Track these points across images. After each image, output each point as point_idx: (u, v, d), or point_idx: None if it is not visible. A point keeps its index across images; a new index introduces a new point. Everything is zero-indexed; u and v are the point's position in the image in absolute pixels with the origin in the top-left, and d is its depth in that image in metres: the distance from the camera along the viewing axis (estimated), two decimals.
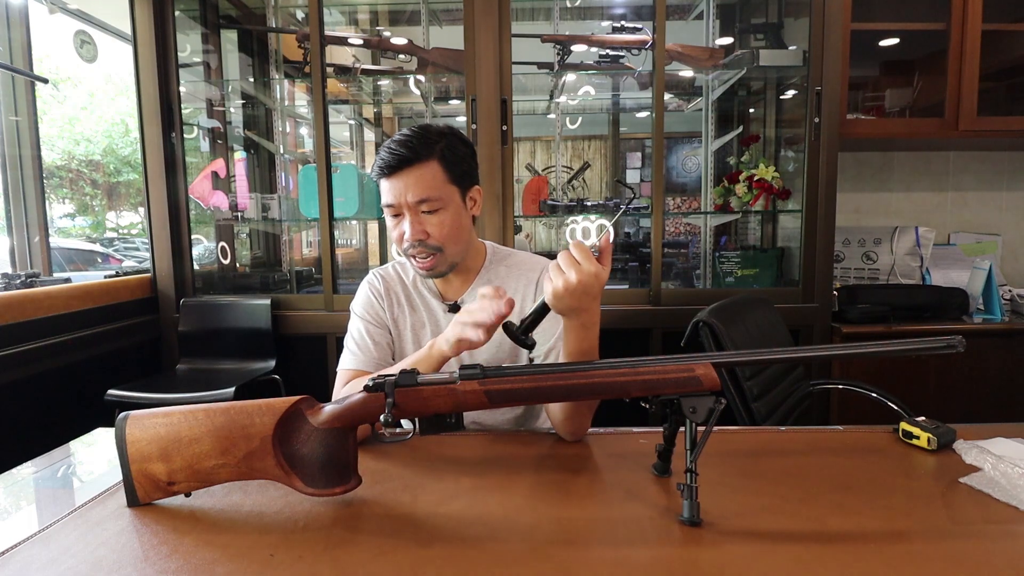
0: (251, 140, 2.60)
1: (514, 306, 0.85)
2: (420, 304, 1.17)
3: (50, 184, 5.35)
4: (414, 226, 1.02)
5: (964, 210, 2.54)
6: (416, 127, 1.04)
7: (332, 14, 2.68)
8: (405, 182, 1.00)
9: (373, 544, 0.66)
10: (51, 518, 0.73)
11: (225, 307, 2.11)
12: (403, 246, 1.05)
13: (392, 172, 1.00)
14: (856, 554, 0.62)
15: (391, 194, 1.02)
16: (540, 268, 1.17)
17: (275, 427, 0.73)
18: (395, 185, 1.01)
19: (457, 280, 1.15)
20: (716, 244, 2.46)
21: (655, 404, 0.75)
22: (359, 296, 1.19)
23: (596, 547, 0.64)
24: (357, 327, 1.16)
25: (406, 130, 1.03)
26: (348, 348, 1.15)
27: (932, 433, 0.89)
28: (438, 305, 1.15)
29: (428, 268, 1.06)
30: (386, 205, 1.03)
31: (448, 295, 1.16)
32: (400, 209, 1.02)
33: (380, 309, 1.17)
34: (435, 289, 1.16)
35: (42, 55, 2.68)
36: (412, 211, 1.02)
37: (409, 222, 1.02)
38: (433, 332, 1.15)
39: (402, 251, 1.06)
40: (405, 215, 1.02)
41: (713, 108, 2.39)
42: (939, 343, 0.68)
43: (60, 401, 1.80)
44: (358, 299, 1.19)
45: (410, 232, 1.02)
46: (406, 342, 1.17)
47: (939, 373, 1.95)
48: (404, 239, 1.03)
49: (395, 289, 1.18)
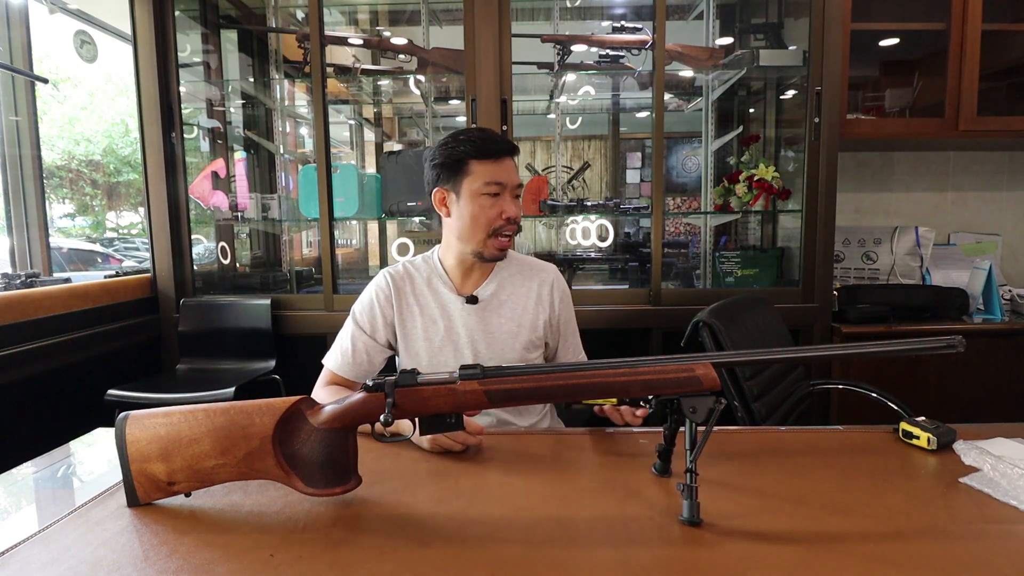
0: (251, 140, 2.60)
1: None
2: (432, 301, 1.21)
3: (50, 184, 5.35)
4: (515, 206, 1.15)
5: (964, 210, 2.54)
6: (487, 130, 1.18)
7: (332, 14, 2.68)
8: (510, 167, 1.14)
9: (373, 544, 0.66)
10: (51, 518, 0.73)
11: (225, 307, 2.11)
12: (497, 224, 1.13)
13: (502, 155, 1.13)
14: (856, 554, 0.62)
15: (503, 174, 1.13)
16: (552, 272, 1.27)
17: (275, 427, 0.73)
18: (505, 167, 1.13)
19: (476, 274, 1.22)
20: (716, 244, 2.46)
21: (655, 404, 0.75)
22: (362, 299, 1.23)
23: (596, 547, 0.64)
24: (349, 331, 1.21)
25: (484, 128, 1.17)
26: (336, 346, 1.21)
27: (932, 433, 0.89)
28: (455, 298, 1.20)
29: (508, 247, 1.17)
30: (494, 182, 1.12)
31: (465, 289, 1.22)
32: (503, 190, 1.13)
33: (379, 316, 1.20)
34: (451, 283, 1.21)
35: (42, 55, 2.68)
36: (512, 193, 1.14)
37: (511, 202, 1.14)
38: (446, 328, 1.20)
39: (491, 231, 1.14)
40: (505, 196, 1.13)
41: (713, 108, 2.39)
42: (939, 343, 0.68)
43: (60, 401, 1.80)
44: (360, 302, 1.23)
45: (514, 209, 1.14)
46: (415, 339, 1.20)
47: (939, 373, 1.95)
48: (502, 216, 1.13)
49: (405, 288, 1.22)
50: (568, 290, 1.29)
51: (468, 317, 1.20)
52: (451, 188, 1.15)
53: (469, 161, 1.12)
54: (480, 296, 1.21)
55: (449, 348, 1.19)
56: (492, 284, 1.22)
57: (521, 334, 1.20)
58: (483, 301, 1.21)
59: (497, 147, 1.12)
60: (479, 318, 1.20)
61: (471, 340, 1.19)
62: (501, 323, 1.20)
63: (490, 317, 1.20)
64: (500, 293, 1.22)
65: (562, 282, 1.28)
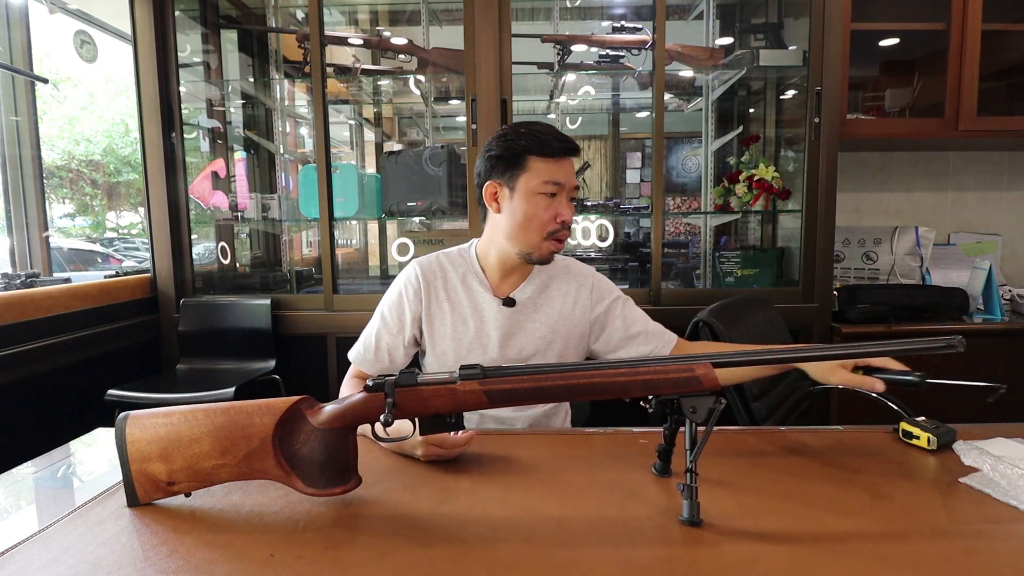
0: (251, 140, 2.59)
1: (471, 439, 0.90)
2: (465, 298, 1.15)
3: (50, 184, 5.35)
4: (571, 207, 1.10)
5: (964, 210, 2.54)
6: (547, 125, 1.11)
7: (332, 14, 2.68)
8: (569, 168, 1.09)
9: (373, 544, 0.66)
10: (51, 518, 0.73)
11: (225, 307, 2.11)
12: (552, 227, 1.08)
13: (564, 154, 1.08)
14: (856, 554, 0.62)
15: (562, 174, 1.07)
16: (591, 275, 1.21)
17: (275, 427, 0.73)
18: (564, 167, 1.08)
19: (515, 275, 1.16)
20: (716, 244, 2.46)
21: (655, 404, 0.75)
22: (390, 293, 1.18)
23: (596, 547, 0.64)
24: (375, 326, 1.17)
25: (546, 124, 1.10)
26: (361, 338, 1.17)
27: (932, 433, 0.89)
28: (491, 299, 1.14)
29: (559, 251, 1.12)
30: (552, 182, 1.07)
31: (502, 290, 1.16)
32: (560, 191, 1.08)
33: (407, 312, 1.15)
34: (487, 283, 1.16)
35: (42, 55, 2.68)
36: (568, 195, 1.09)
37: (566, 204, 1.09)
38: (476, 329, 1.14)
39: (546, 233, 1.08)
40: (562, 198, 1.08)
41: (713, 108, 2.39)
42: (939, 343, 0.68)
43: (60, 401, 1.80)
44: (388, 297, 1.18)
45: (570, 213, 1.09)
46: (442, 338, 1.14)
47: (939, 373, 1.95)
48: (557, 219, 1.08)
49: (436, 282, 1.16)
50: (613, 288, 1.22)
51: (502, 320, 1.13)
52: (505, 183, 1.08)
53: (529, 156, 1.06)
54: (517, 299, 1.14)
55: (478, 350, 1.14)
56: (530, 287, 1.16)
57: (556, 340, 1.15)
58: (519, 304, 1.14)
59: (560, 145, 1.06)
60: (513, 321, 1.14)
61: (502, 344, 1.13)
62: (535, 328, 1.14)
63: (524, 321, 1.15)
64: (537, 297, 1.16)
65: (603, 283, 1.22)
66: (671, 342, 1.20)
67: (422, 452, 0.87)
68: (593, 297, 1.19)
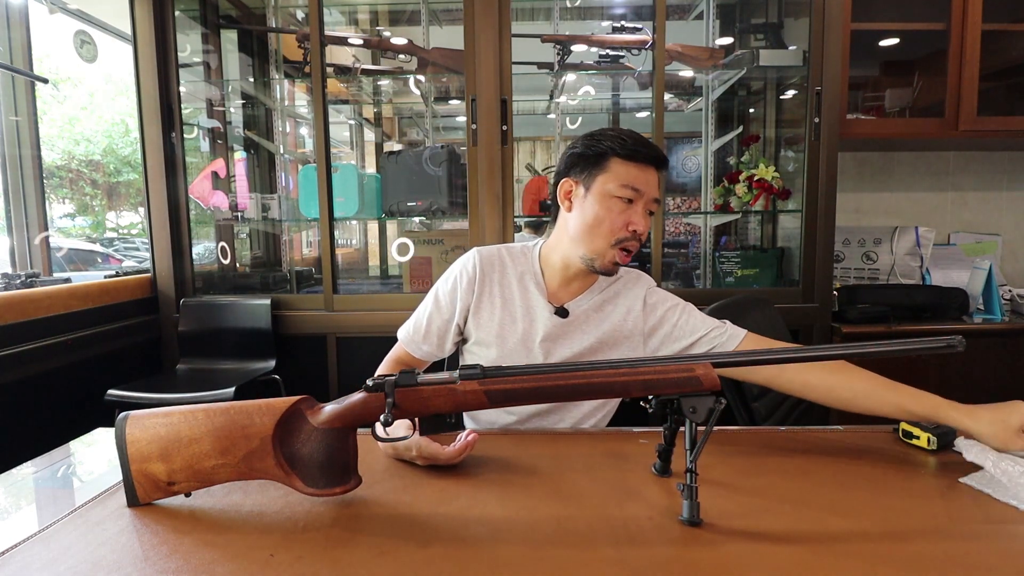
0: (251, 140, 2.59)
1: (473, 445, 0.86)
2: (519, 299, 1.11)
3: (50, 184, 5.35)
4: (646, 220, 1.04)
5: (964, 210, 2.54)
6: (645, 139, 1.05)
7: (332, 14, 2.68)
8: (655, 178, 1.04)
9: (373, 544, 0.66)
10: (51, 518, 0.73)
11: (225, 307, 2.11)
12: (621, 235, 1.03)
13: (649, 162, 1.03)
14: (856, 554, 0.62)
15: (642, 181, 1.02)
16: (646, 284, 1.16)
17: (275, 427, 0.73)
18: (647, 175, 1.03)
19: (576, 284, 1.12)
20: (716, 244, 2.46)
21: (655, 404, 0.75)
22: (446, 276, 1.15)
23: (596, 547, 0.64)
24: (427, 308, 1.15)
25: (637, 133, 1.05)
26: (412, 318, 1.15)
27: (932, 433, 0.89)
28: (544, 305, 1.10)
29: (627, 261, 1.06)
30: (631, 187, 1.02)
31: (559, 297, 1.11)
32: (639, 198, 1.03)
33: (458, 299, 1.12)
34: (543, 286, 1.12)
35: (42, 55, 2.68)
36: (648, 205, 1.04)
37: (643, 215, 1.03)
38: (524, 331, 1.10)
39: (614, 240, 1.03)
40: (638, 206, 1.03)
41: (713, 108, 2.39)
42: (939, 343, 0.68)
43: (60, 401, 1.80)
44: (444, 279, 1.15)
45: (644, 224, 1.03)
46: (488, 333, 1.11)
47: (939, 373, 1.95)
48: (629, 227, 1.03)
49: (493, 275, 1.12)
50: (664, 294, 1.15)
51: (551, 328, 1.09)
52: (582, 181, 1.05)
53: (611, 157, 1.02)
54: (572, 311, 1.10)
55: (522, 353, 1.10)
56: (588, 300, 1.11)
57: (601, 350, 1.10)
58: (572, 316, 1.10)
59: (646, 151, 1.02)
60: (562, 332, 1.10)
61: (546, 352, 1.09)
62: (583, 339, 1.10)
63: (573, 332, 1.10)
64: (594, 313, 1.11)
65: (655, 291, 1.15)
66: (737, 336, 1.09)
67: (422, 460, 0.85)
68: (647, 306, 1.13)
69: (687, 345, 1.10)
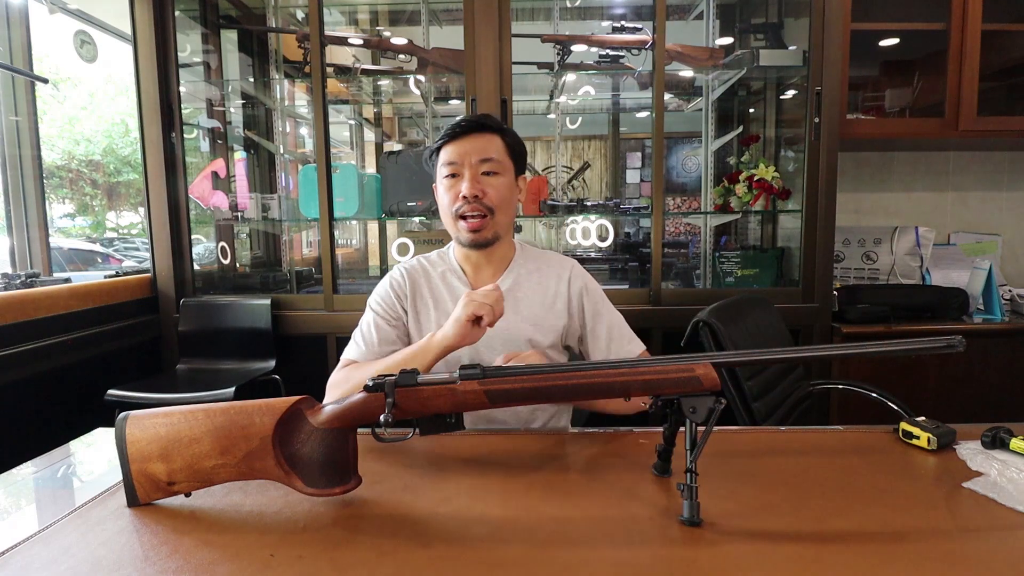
0: (251, 140, 2.59)
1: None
2: (447, 296, 1.15)
3: (50, 184, 5.35)
4: (473, 182, 1.07)
5: (964, 210, 2.54)
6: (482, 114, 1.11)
7: (332, 14, 2.68)
8: (472, 144, 1.07)
9: (373, 544, 0.66)
10: (51, 518, 0.73)
11: (225, 307, 2.11)
12: (455, 205, 1.08)
13: (458, 136, 1.07)
14: (856, 554, 0.62)
15: (455, 153, 1.07)
16: (569, 266, 1.20)
17: (275, 427, 0.73)
18: (460, 146, 1.07)
19: (489, 269, 1.17)
20: (716, 244, 2.46)
21: (655, 404, 0.75)
22: (378, 290, 1.19)
23: (596, 547, 0.64)
24: (368, 320, 1.16)
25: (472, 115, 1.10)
26: (354, 339, 1.16)
27: (932, 433, 0.89)
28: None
29: (476, 229, 1.08)
30: (447, 164, 1.08)
31: (479, 284, 1.16)
32: (460, 169, 1.07)
33: (398, 305, 1.16)
34: (464, 278, 1.16)
35: (42, 55, 2.68)
36: (473, 170, 1.07)
37: (468, 179, 1.07)
38: None
39: (453, 213, 1.09)
40: (464, 175, 1.07)
41: (713, 108, 2.39)
42: (939, 343, 0.68)
43: (60, 401, 1.80)
44: (376, 293, 1.19)
45: (469, 187, 1.06)
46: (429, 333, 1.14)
47: (939, 373, 1.95)
48: (459, 197, 1.07)
49: (420, 282, 1.17)
50: (591, 282, 1.20)
51: None
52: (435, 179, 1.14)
53: (439, 148, 1.11)
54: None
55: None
56: (507, 280, 1.16)
57: (536, 335, 1.14)
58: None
59: (461, 126, 1.08)
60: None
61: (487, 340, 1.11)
62: (518, 321, 1.13)
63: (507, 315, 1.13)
64: (516, 290, 1.16)
65: (582, 275, 1.20)
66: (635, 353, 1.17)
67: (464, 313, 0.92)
68: (572, 289, 1.18)
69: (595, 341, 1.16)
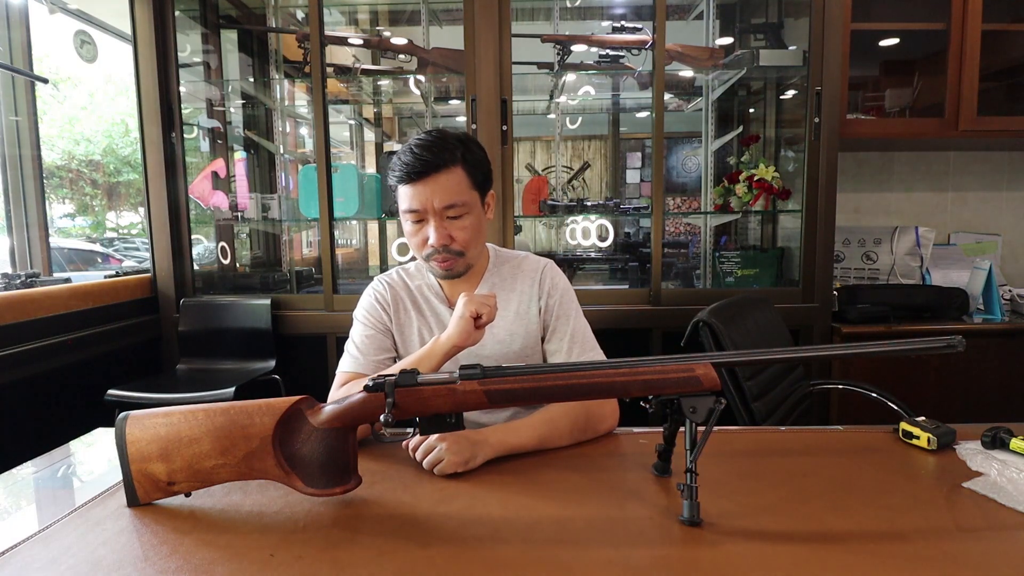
0: (251, 140, 2.60)
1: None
2: (427, 309, 1.15)
3: (50, 184, 5.35)
4: (439, 231, 1.01)
5: (964, 210, 2.54)
6: (434, 132, 1.02)
7: (332, 14, 2.68)
8: (432, 188, 0.99)
9: (373, 544, 0.66)
10: (51, 518, 0.73)
11: (225, 307, 2.11)
12: (424, 251, 1.04)
13: (418, 178, 0.99)
14: (856, 554, 0.62)
15: (416, 200, 1.00)
16: (541, 267, 1.17)
17: (275, 427, 0.73)
18: (421, 191, 1.00)
19: (464, 284, 1.14)
20: (716, 244, 2.46)
21: (655, 404, 0.75)
22: (363, 302, 1.18)
23: (596, 547, 0.64)
24: (359, 331, 1.15)
25: (424, 136, 1.01)
26: (348, 352, 1.14)
27: (932, 433, 0.89)
28: (445, 310, 1.14)
29: (448, 268, 1.06)
30: (409, 211, 1.01)
31: (455, 299, 1.13)
32: (424, 215, 1.01)
33: (384, 315, 1.15)
34: (442, 294, 1.15)
35: (42, 55, 2.68)
36: (438, 216, 1.01)
37: (434, 227, 1.01)
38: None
39: (422, 256, 1.06)
40: (429, 220, 1.01)
41: (713, 108, 2.39)
42: (939, 343, 0.68)
43: (60, 401, 1.80)
44: (362, 305, 1.18)
45: (436, 237, 1.01)
46: (413, 347, 1.15)
47: (939, 373, 1.95)
48: (428, 244, 1.03)
49: (401, 295, 1.17)
50: (562, 282, 1.16)
51: None
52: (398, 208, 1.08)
53: (398, 186, 1.04)
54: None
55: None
56: (482, 289, 1.15)
57: (514, 343, 1.12)
58: None
59: (416, 169, 0.99)
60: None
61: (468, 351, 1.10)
62: (494, 332, 1.12)
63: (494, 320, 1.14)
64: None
65: (553, 273, 1.16)
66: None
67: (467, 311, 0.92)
68: (543, 288, 1.15)
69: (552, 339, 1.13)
